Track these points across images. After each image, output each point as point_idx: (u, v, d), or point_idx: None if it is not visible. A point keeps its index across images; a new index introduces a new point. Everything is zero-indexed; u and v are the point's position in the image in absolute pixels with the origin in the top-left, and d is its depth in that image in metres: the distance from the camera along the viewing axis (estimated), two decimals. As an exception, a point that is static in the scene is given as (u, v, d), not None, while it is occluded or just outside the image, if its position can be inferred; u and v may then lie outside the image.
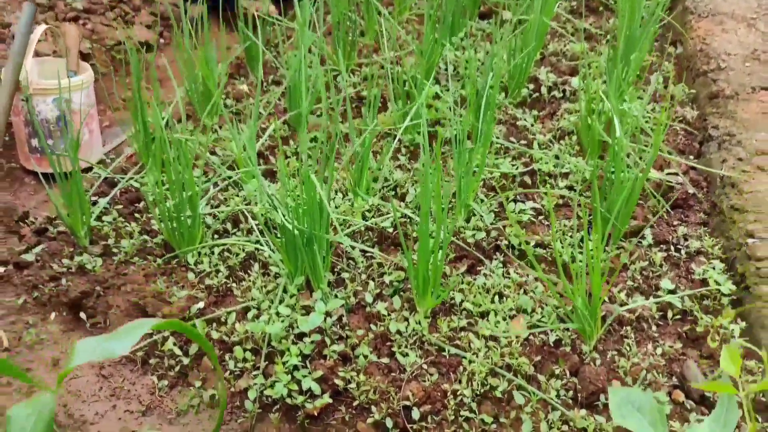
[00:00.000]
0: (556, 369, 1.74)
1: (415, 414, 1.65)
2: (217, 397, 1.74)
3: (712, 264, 2.04)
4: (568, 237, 2.13)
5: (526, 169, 2.40)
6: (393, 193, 2.33)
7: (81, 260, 2.05)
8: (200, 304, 1.89)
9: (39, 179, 2.45)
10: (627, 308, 1.88)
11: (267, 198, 1.91)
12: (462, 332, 1.83)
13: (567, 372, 1.74)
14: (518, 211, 2.21)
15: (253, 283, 1.96)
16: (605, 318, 1.85)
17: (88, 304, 1.96)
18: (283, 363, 1.72)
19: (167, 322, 1.10)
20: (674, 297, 1.92)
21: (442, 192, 1.79)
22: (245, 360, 1.77)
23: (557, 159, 2.44)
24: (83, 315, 1.95)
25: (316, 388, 1.68)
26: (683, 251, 2.10)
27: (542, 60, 3.06)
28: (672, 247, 2.12)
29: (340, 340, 1.80)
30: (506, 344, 1.78)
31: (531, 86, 2.85)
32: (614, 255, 2.08)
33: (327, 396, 1.68)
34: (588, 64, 2.94)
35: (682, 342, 1.85)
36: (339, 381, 1.70)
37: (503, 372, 1.72)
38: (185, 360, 1.81)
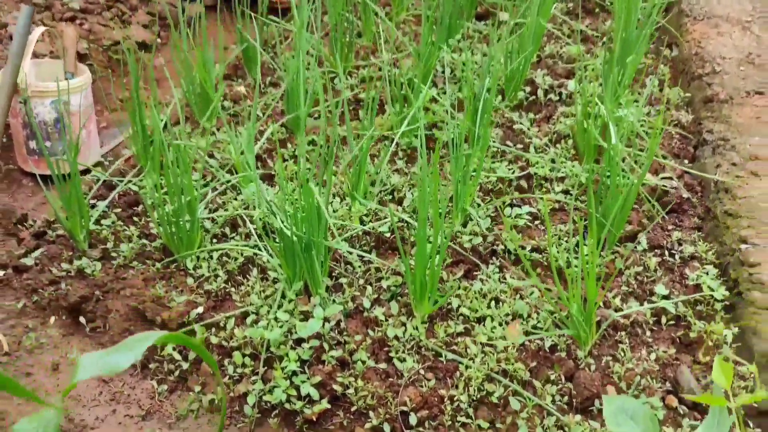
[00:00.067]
0: (552, 374, 1.76)
1: (413, 419, 1.67)
2: (217, 402, 1.76)
3: (706, 269, 2.06)
4: (564, 242, 2.15)
5: (523, 173, 2.42)
6: (390, 197, 2.34)
7: (80, 264, 2.06)
8: (199, 309, 1.91)
9: (37, 181, 2.46)
10: (622, 314, 1.90)
11: (266, 204, 1.92)
12: (459, 337, 1.85)
13: (562, 377, 1.77)
14: (515, 216, 2.23)
15: (252, 288, 1.98)
16: (600, 323, 1.87)
17: (88, 309, 1.97)
18: (282, 368, 1.74)
19: (170, 335, 1.11)
20: (668, 302, 1.94)
21: (440, 196, 1.81)
22: (244, 365, 1.79)
23: (553, 163, 2.46)
24: (83, 319, 1.97)
25: (315, 394, 1.70)
26: (677, 256, 2.12)
27: (539, 62, 3.08)
28: (666, 252, 2.14)
29: (338, 346, 1.82)
30: (502, 350, 1.80)
31: (528, 89, 2.86)
32: (609, 260, 2.10)
33: (325, 401, 1.70)
34: (584, 67, 2.95)
35: (676, 347, 1.87)
36: (337, 386, 1.72)
37: (499, 377, 1.74)
38: (185, 365, 1.83)
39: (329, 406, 1.70)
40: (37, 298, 2.01)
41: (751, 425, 1.72)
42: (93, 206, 2.30)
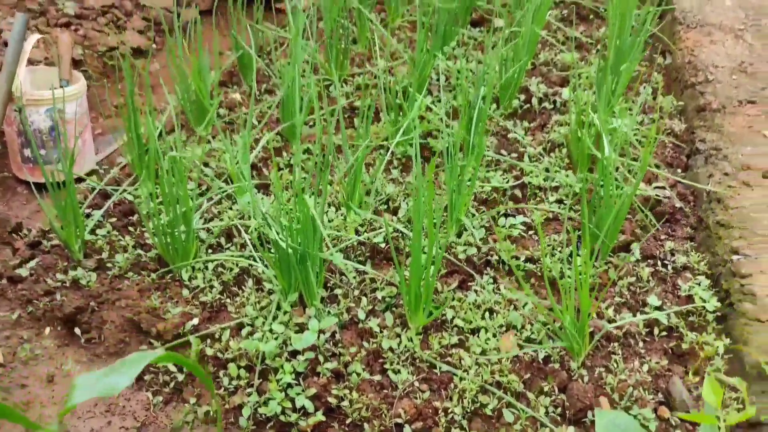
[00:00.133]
0: (545, 386, 1.78)
1: (407, 431, 1.68)
2: (212, 414, 1.76)
3: (698, 280, 2.08)
4: (558, 252, 2.16)
5: (517, 183, 2.43)
6: (385, 207, 2.35)
7: (75, 275, 2.07)
8: (195, 321, 1.92)
9: (32, 189, 2.46)
10: (615, 325, 1.91)
11: (261, 215, 1.93)
12: (453, 349, 1.86)
13: (555, 389, 1.78)
14: (509, 226, 2.24)
15: (247, 299, 1.98)
16: (593, 334, 1.89)
17: (83, 320, 1.97)
18: (277, 380, 1.75)
19: (164, 356, 1.12)
20: (661, 314, 1.96)
21: (435, 206, 1.82)
22: (239, 377, 1.79)
23: (547, 172, 2.47)
24: (78, 330, 1.97)
25: (310, 406, 1.71)
26: (670, 267, 2.14)
27: (533, 69, 3.09)
28: (659, 262, 2.16)
29: (333, 357, 1.82)
30: (496, 361, 1.81)
31: (522, 97, 2.87)
32: (602, 270, 2.12)
33: (320, 413, 1.71)
34: (578, 75, 2.97)
35: (668, 358, 1.89)
36: (332, 398, 1.73)
37: (493, 389, 1.75)
38: (180, 376, 1.84)
39: (324, 419, 1.71)
40: (32, 309, 2.01)
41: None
42: (88, 215, 2.30)
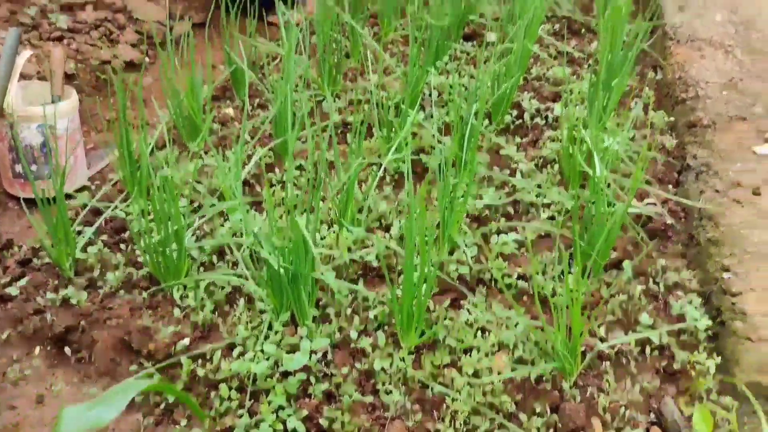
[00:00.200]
0: (537, 406, 1.77)
1: (399, 453, 1.67)
2: (203, 436, 1.75)
3: (689, 298, 2.08)
4: (550, 269, 2.17)
5: (509, 199, 2.44)
6: (378, 224, 2.35)
7: (66, 293, 2.05)
8: (186, 341, 1.91)
9: (22, 205, 2.44)
10: (607, 345, 1.92)
11: (253, 236, 1.92)
12: (445, 369, 1.86)
13: (548, 409, 1.78)
14: (501, 243, 2.24)
15: (239, 319, 1.97)
16: (585, 353, 1.89)
17: (73, 339, 1.96)
18: (269, 402, 1.74)
19: (152, 386, 1.11)
20: (653, 332, 1.96)
21: (427, 224, 1.82)
22: (230, 398, 1.78)
23: (539, 188, 2.48)
24: (68, 350, 1.96)
25: (301, 428, 1.70)
26: (661, 284, 2.14)
27: (525, 84, 3.10)
28: (651, 280, 2.16)
29: (325, 378, 1.82)
30: (489, 382, 1.81)
31: (514, 112, 2.88)
32: (594, 288, 2.12)
33: (312, 435, 1.70)
34: (570, 90, 2.98)
35: (660, 378, 1.89)
36: (323, 420, 1.72)
37: (486, 410, 1.75)
38: (170, 398, 1.82)
39: (316, 440, 1.70)
40: (22, 328, 1.99)
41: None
42: (79, 233, 2.29)
